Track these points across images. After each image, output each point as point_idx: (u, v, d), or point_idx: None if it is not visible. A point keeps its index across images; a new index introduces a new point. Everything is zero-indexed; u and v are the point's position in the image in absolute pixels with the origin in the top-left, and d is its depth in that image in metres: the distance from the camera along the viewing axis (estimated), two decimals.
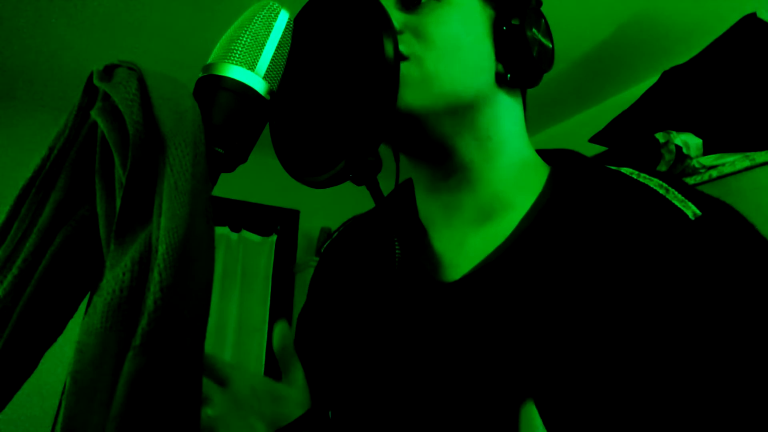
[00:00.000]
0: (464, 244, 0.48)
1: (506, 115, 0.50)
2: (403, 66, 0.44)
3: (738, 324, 0.34)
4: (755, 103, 1.23)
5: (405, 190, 0.59)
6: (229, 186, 2.31)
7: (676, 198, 0.40)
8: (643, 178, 0.44)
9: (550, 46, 0.51)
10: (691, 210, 0.39)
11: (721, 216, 0.39)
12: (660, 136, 1.30)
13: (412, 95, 0.44)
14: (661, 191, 0.41)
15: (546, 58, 0.50)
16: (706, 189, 1.19)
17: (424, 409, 0.41)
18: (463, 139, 0.47)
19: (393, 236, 0.46)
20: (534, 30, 0.48)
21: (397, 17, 0.46)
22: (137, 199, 0.25)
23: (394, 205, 0.58)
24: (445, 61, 0.45)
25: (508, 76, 0.48)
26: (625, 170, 0.46)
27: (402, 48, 0.44)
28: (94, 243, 0.27)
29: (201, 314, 0.24)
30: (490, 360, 0.40)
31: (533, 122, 1.46)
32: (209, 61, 0.35)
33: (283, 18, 0.37)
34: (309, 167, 0.41)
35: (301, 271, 2.67)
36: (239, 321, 2.52)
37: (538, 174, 0.50)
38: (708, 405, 0.33)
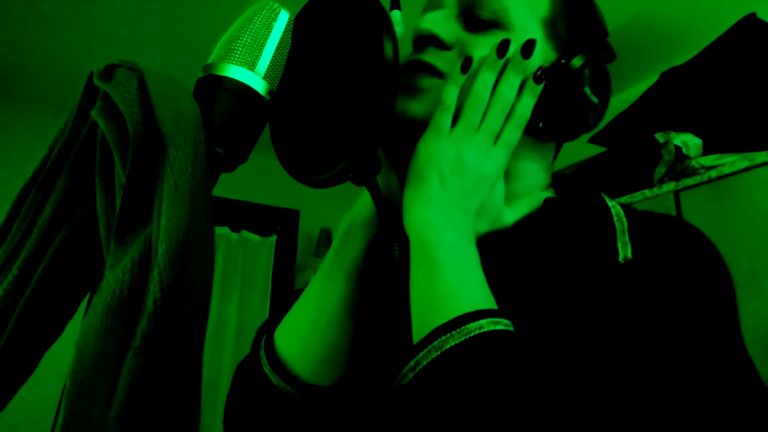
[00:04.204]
0: None
1: (528, 162, 0.47)
2: (436, 81, 0.43)
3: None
4: (755, 103, 1.23)
5: None
6: (229, 186, 2.31)
7: (622, 235, 0.41)
8: (613, 206, 0.44)
9: (597, 102, 0.46)
10: (623, 254, 0.40)
11: (651, 263, 0.39)
12: (659, 137, 1.30)
13: (425, 108, 0.43)
14: (617, 225, 0.42)
15: (590, 119, 0.46)
16: (706, 189, 1.19)
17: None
18: None
19: (393, 238, 0.46)
20: (588, 90, 0.45)
21: (453, 30, 0.45)
22: (137, 199, 0.25)
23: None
24: None
25: (540, 124, 0.45)
26: (611, 202, 0.46)
27: (441, 65, 0.44)
28: (94, 243, 0.27)
29: (201, 314, 0.24)
30: None
31: None
32: (209, 60, 0.35)
33: (283, 18, 0.37)
34: (309, 167, 0.41)
35: (301, 271, 2.67)
36: (239, 321, 2.52)
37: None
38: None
